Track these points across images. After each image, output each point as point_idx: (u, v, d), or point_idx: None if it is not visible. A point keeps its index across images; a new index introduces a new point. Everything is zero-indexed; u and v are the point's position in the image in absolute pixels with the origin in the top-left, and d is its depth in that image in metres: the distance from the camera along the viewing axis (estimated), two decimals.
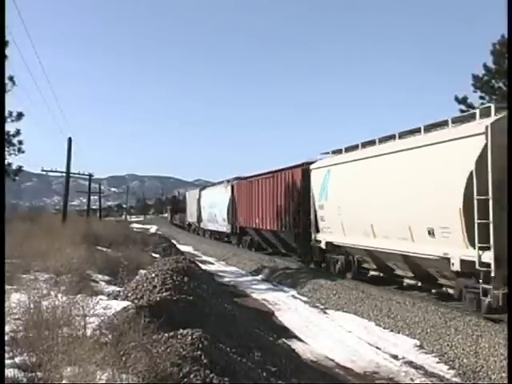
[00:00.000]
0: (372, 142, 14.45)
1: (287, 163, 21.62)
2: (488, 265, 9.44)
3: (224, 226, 32.60)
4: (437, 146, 11.18)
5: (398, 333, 10.86)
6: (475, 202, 9.70)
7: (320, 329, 11.73)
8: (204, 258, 27.92)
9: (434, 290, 12.47)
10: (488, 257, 9.47)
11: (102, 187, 76.20)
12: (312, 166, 17.94)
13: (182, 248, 30.54)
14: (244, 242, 29.15)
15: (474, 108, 15.73)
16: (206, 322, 7.08)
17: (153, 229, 55.87)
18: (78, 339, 4.72)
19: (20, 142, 18.00)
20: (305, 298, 15.14)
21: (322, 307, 13.91)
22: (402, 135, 13.12)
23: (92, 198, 50.79)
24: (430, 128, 12.07)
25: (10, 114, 17.11)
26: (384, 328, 11.32)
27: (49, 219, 25.36)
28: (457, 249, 10.31)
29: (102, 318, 6.01)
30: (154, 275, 9.20)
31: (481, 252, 9.64)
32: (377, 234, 13.52)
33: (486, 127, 9.67)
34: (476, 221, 9.69)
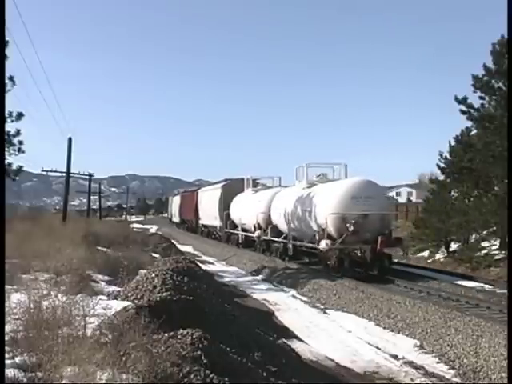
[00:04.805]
0: (213, 183, 41.32)
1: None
2: (220, 227, 33.61)
3: (178, 219, 57.20)
4: (212, 191, 36.89)
5: (398, 333, 10.87)
6: (222, 211, 31.93)
7: (320, 329, 11.74)
8: (204, 257, 27.94)
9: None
10: (223, 224, 32.42)
11: (102, 187, 76.24)
12: (199, 191, 41.88)
13: (182, 248, 30.58)
14: (185, 227, 51.51)
15: (473, 108, 16.94)
16: (206, 322, 7.07)
17: (153, 229, 55.92)
18: (78, 339, 4.72)
19: (20, 142, 17.91)
20: (305, 298, 15.16)
21: (322, 307, 13.93)
22: (215, 183, 38.70)
23: (92, 197, 50.95)
24: (222, 181, 36.71)
25: (10, 114, 17.04)
26: (384, 328, 11.34)
27: (49, 219, 25.38)
28: (218, 222, 33.79)
29: (102, 318, 5.99)
30: (154, 275, 9.19)
31: (221, 223, 32.97)
32: (208, 219, 36.98)
33: (221, 186, 34.16)
34: (223, 215, 31.65)
